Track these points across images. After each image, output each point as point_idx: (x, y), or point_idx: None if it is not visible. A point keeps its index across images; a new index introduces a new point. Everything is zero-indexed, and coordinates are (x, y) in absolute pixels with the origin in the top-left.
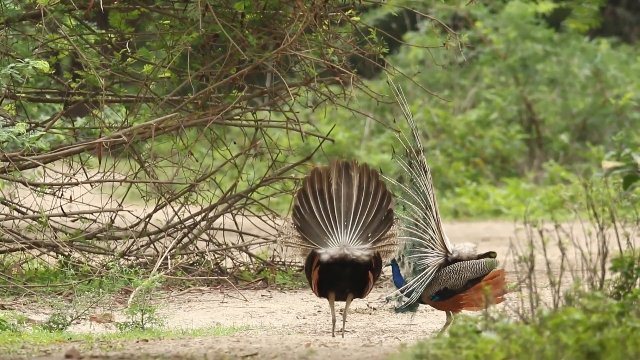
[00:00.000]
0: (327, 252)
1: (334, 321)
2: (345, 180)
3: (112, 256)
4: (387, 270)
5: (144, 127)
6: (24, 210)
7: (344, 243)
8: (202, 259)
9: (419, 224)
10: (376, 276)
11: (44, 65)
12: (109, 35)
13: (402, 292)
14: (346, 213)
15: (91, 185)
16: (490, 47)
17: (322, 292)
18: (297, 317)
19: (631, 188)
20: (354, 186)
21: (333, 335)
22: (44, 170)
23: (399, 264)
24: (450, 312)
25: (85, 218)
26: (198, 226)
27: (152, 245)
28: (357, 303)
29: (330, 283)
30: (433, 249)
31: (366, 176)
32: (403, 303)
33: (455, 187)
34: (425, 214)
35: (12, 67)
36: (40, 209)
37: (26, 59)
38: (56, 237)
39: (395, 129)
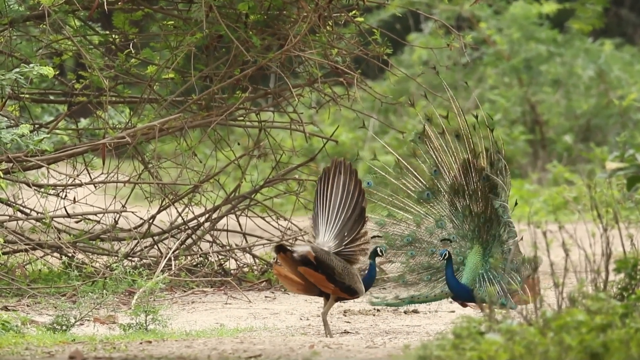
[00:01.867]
0: (296, 251)
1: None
2: (336, 180)
3: (116, 257)
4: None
5: (147, 128)
6: (27, 211)
7: (320, 241)
8: (206, 260)
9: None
10: (325, 272)
11: (49, 71)
12: (113, 36)
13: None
14: (330, 211)
15: (95, 186)
16: (494, 48)
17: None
18: (301, 319)
19: (635, 189)
20: (340, 185)
21: (327, 335)
22: (48, 171)
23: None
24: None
25: (89, 219)
26: (202, 227)
27: (155, 247)
28: (361, 304)
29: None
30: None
31: (349, 175)
32: (510, 301)
33: None
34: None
35: (16, 72)
36: (44, 210)
37: (31, 64)
38: (60, 238)
39: (399, 130)
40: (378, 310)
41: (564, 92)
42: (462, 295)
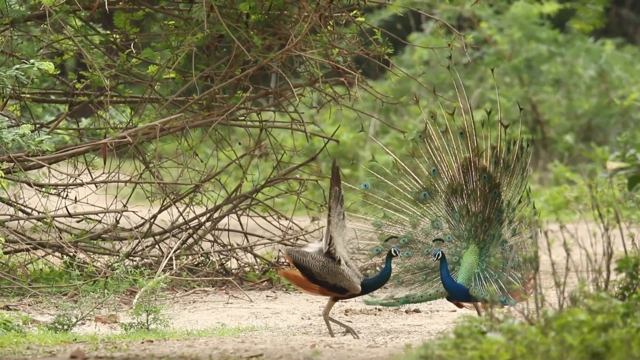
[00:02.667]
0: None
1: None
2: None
3: (117, 257)
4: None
5: (148, 127)
6: (29, 210)
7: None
8: (207, 260)
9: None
10: (305, 274)
11: (49, 66)
12: (114, 36)
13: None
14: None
15: (96, 186)
16: (495, 48)
17: None
18: (302, 318)
19: (636, 189)
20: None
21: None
22: (49, 171)
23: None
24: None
25: (90, 219)
26: (203, 227)
27: (157, 246)
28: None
29: None
30: None
31: (333, 174)
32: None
33: None
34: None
35: (17, 69)
36: (45, 210)
37: (31, 60)
38: (61, 238)
39: (400, 130)
40: (379, 309)
41: (565, 91)
42: (458, 294)
